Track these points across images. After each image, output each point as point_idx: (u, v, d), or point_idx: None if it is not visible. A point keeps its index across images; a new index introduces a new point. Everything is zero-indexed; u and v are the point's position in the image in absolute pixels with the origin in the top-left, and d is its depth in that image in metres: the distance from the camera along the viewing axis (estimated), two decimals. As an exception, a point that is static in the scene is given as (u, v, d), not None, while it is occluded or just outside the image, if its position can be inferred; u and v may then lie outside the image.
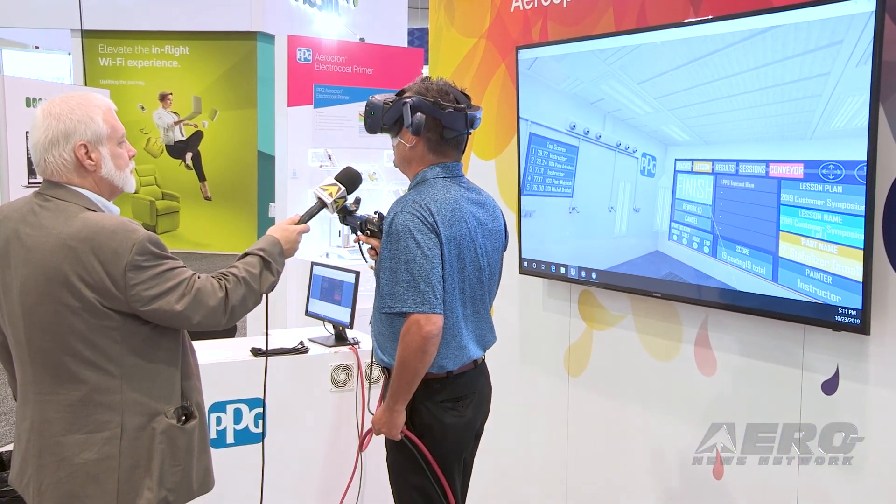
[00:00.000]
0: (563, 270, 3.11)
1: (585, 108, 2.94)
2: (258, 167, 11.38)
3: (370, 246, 2.55)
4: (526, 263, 3.28)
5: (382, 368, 2.46)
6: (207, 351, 3.21)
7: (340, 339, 3.46)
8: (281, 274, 2.15)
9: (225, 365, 3.17)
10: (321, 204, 2.43)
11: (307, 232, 2.30)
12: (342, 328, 3.45)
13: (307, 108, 6.09)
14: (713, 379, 2.68)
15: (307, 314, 3.59)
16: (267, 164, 10.12)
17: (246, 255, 2.12)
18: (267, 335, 2.52)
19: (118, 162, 2.00)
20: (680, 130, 2.59)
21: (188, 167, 11.73)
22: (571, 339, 3.25)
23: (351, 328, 3.41)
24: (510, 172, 3.40)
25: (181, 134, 11.68)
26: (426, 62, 4.59)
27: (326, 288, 3.48)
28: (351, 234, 6.05)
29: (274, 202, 6.36)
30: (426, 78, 2.40)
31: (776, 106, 2.27)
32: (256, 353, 3.23)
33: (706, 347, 2.69)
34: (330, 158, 6.14)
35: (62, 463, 1.92)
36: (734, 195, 2.40)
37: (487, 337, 2.50)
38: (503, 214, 2.55)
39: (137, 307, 1.89)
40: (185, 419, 2.04)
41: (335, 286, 3.43)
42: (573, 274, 3.07)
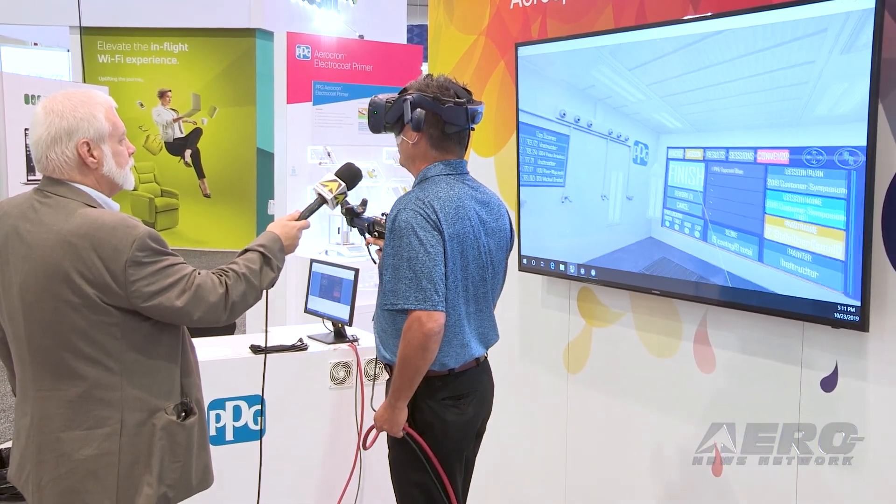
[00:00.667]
0: (562, 267, 3.11)
1: (575, 95, 2.94)
2: (257, 164, 11.37)
3: (378, 247, 2.55)
4: (525, 261, 3.28)
5: (385, 365, 2.46)
6: (207, 348, 3.21)
7: (340, 336, 3.46)
8: (281, 270, 2.16)
9: (224, 362, 3.18)
10: (321, 200, 2.43)
11: (307, 228, 2.31)
12: (341, 325, 3.45)
13: (306, 105, 6.09)
14: (712, 376, 2.68)
15: (306, 311, 3.60)
16: (266, 161, 10.12)
17: (246, 251, 2.12)
18: (266, 332, 2.52)
19: (119, 159, 2.01)
20: (672, 118, 2.61)
21: (187, 164, 11.72)
22: (570, 336, 3.26)
23: (350, 325, 3.42)
24: (510, 169, 3.40)
25: (180, 131, 11.67)
26: (425, 59, 4.59)
27: (326, 285, 3.48)
28: (349, 231, 6.06)
29: (273, 199, 6.36)
30: (428, 75, 2.41)
31: (765, 93, 2.32)
32: (256, 350, 3.23)
33: (705, 345, 2.70)
34: (329, 155, 6.14)
35: (62, 459, 1.93)
36: (724, 181, 2.46)
37: (490, 335, 2.50)
38: (508, 213, 2.55)
39: (138, 303, 1.89)
40: (184, 415, 2.04)
41: (334, 283, 3.43)
42: (572, 271, 3.07)
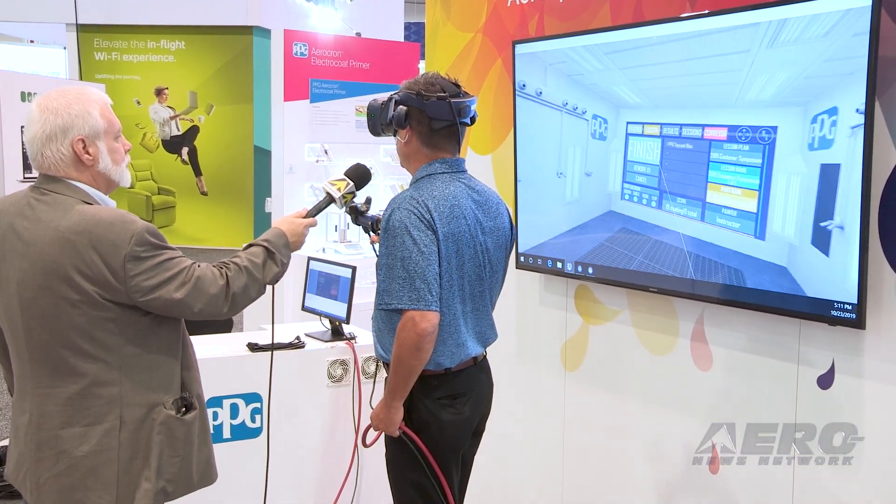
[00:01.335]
0: (559, 265, 3.12)
1: (519, 58, 2.89)
2: (254, 162, 11.35)
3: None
4: (522, 258, 3.29)
5: (383, 363, 2.46)
6: (204, 346, 3.21)
7: (337, 334, 3.46)
8: (287, 266, 2.15)
9: (222, 360, 3.17)
10: (329, 199, 2.43)
11: (314, 226, 2.31)
12: (339, 323, 3.45)
13: (303, 102, 6.09)
14: (709, 373, 2.69)
15: (304, 309, 3.60)
16: (263, 159, 10.10)
17: (250, 245, 2.13)
18: (273, 328, 2.52)
19: (115, 156, 2.01)
20: (631, 92, 2.69)
21: (184, 162, 11.69)
22: (568, 333, 3.26)
23: (347, 323, 3.42)
24: (507, 167, 3.40)
25: (177, 129, 11.65)
26: (423, 57, 4.59)
27: (323, 283, 3.48)
28: (347, 229, 6.05)
29: (270, 197, 6.36)
30: (423, 74, 2.43)
31: (710, 76, 2.52)
32: (253, 348, 3.23)
33: (702, 342, 2.70)
34: (326, 153, 6.13)
35: (61, 456, 1.93)
36: (677, 155, 2.63)
37: (488, 334, 2.50)
38: (508, 211, 2.55)
39: (137, 298, 1.89)
40: (184, 410, 2.04)
41: (332, 281, 3.43)
42: (569, 269, 3.07)
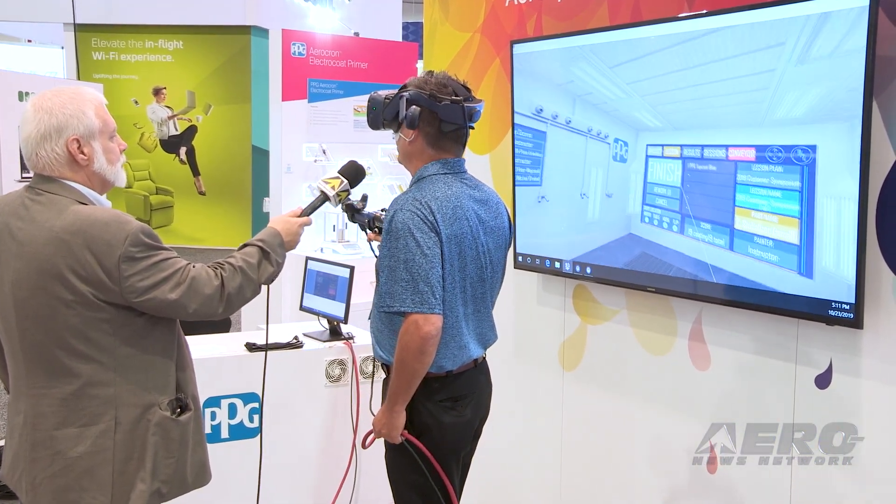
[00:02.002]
0: (557, 265, 3.11)
1: (553, 90, 2.93)
2: (252, 162, 11.34)
3: (380, 243, 2.54)
4: (520, 258, 3.28)
5: (382, 365, 2.44)
6: (202, 345, 3.21)
7: (335, 334, 3.46)
8: (282, 266, 2.14)
9: (220, 360, 3.17)
10: (324, 197, 2.41)
11: (309, 225, 2.29)
12: (337, 323, 3.45)
13: (301, 102, 6.08)
14: (707, 373, 2.68)
15: (302, 309, 3.59)
16: (261, 158, 10.09)
17: (245, 245, 2.12)
18: (267, 328, 2.50)
19: (110, 156, 2.00)
20: (651, 116, 2.66)
21: (182, 162, 11.68)
22: (566, 333, 3.26)
23: (346, 323, 3.41)
24: (505, 167, 3.40)
25: (175, 128, 11.64)
26: (421, 57, 4.58)
27: (321, 283, 3.48)
28: (345, 229, 6.05)
29: (268, 197, 6.35)
30: (429, 72, 2.38)
31: (734, 96, 2.44)
32: (251, 347, 3.23)
33: (700, 342, 2.70)
34: (324, 153, 6.13)
35: (56, 457, 1.92)
36: (699, 177, 2.56)
37: (489, 335, 2.48)
38: (507, 211, 2.54)
39: (132, 298, 1.89)
40: (179, 411, 2.04)
41: (330, 281, 3.43)
42: (567, 269, 3.07)
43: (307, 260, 3.61)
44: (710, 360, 2.67)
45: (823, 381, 2.33)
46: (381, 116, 2.37)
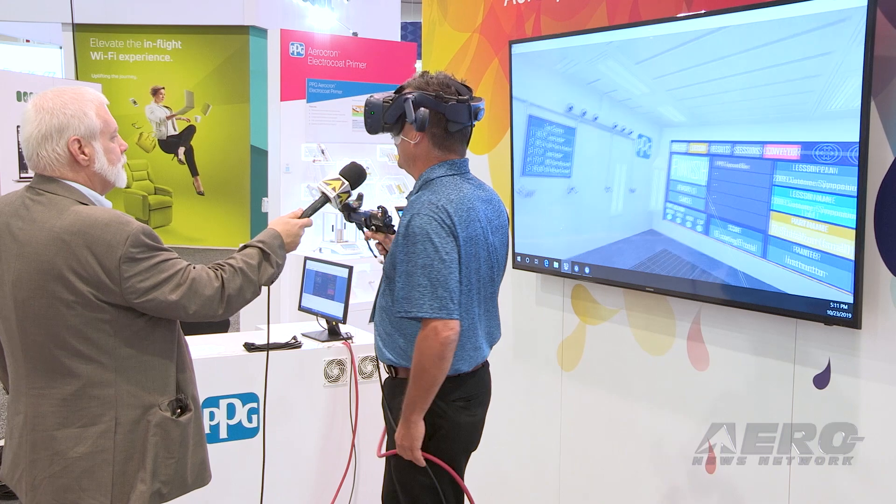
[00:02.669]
0: (556, 265, 3.12)
1: (582, 88, 2.92)
2: (251, 162, 11.35)
3: (377, 241, 2.53)
4: (519, 258, 3.29)
5: (389, 367, 2.42)
6: (201, 346, 3.21)
7: (334, 333, 3.46)
8: (282, 267, 2.14)
9: (219, 360, 3.17)
10: (325, 198, 2.41)
11: (309, 226, 2.28)
12: (335, 323, 3.45)
13: (300, 102, 6.09)
14: (706, 373, 2.69)
15: (300, 309, 3.59)
16: (260, 158, 10.10)
17: (245, 246, 2.12)
18: (269, 328, 2.51)
19: (110, 157, 2.00)
20: (676, 111, 2.57)
21: (181, 162, 11.68)
22: (565, 333, 3.26)
23: (344, 323, 3.41)
24: (504, 167, 3.40)
25: (174, 128, 11.63)
26: (419, 57, 4.59)
27: (319, 283, 3.48)
28: (343, 229, 6.05)
29: (267, 197, 6.36)
30: (425, 73, 2.35)
31: (774, 87, 2.23)
32: (250, 348, 3.23)
33: (699, 342, 2.70)
34: (323, 153, 6.13)
35: (56, 457, 1.92)
36: (728, 176, 2.39)
37: (495, 334, 2.48)
38: (505, 209, 2.54)
39: (132, 299, 1.89)
40: (179, 412, 2.04)
41: (328, 281, 3.43)
42: (566, 269, 3.07)
43: (306, 260, 3.62)
44: (708, 359, 2.68)
45: (822, 380, 2.34)
46: (381, 120, 2.31)
